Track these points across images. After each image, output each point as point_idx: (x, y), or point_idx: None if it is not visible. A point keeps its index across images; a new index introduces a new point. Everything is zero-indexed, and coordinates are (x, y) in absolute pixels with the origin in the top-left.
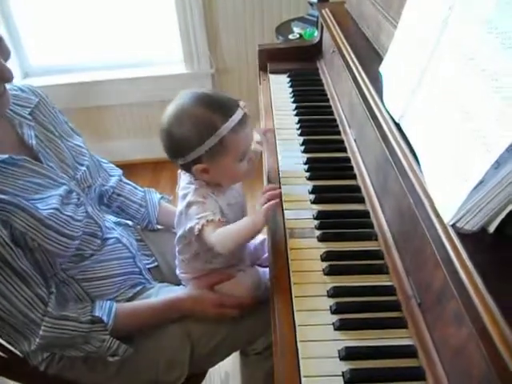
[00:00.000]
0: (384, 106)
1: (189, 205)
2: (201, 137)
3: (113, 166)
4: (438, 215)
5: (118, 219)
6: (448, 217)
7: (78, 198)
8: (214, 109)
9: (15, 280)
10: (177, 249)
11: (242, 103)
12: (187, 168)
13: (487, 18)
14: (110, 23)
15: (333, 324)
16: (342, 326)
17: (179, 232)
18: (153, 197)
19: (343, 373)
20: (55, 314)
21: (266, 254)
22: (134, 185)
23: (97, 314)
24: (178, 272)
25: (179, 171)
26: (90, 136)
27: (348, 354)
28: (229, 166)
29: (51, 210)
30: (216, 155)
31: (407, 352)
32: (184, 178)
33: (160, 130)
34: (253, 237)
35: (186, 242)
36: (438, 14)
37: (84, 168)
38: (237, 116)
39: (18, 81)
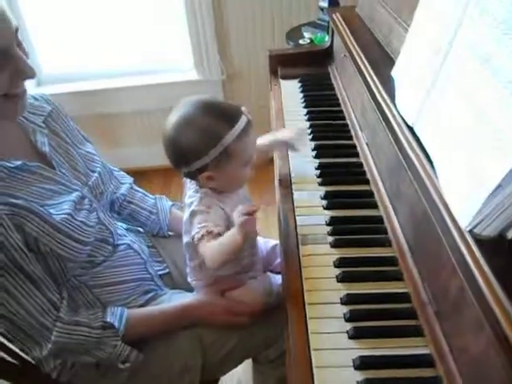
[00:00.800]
0: (397, 110)
1: (193, 214)
2: (206, 146)
3: (124, 173)
4: (454, 220)
5: (129, 226)
6: (465, 222)
7: (90, 204)
8: (218, 117)
9: (28, 285)
10: (187, 256)
11: (244, 109)
12: (192, 176)
13: (502, 18)
14: (121, 31)
15: (347, 332)
16: (356, 335)
17: (185, 239)
18: (164, 204)
19: (358, 383)
20: (67, 319)
21: (279, 260)
22: (144, 192)
23: (108, 320)
24: (189, 280)
25: (184, 179)
26: (103, 143)
27: (363, 364)
28: (234, 172)
29: (64, 216)
30: (221, 163)
31: (424, 361)
32: (190, 186)
33: (163, 139)
34: (235, 251)
35: (192, 249)
36: (451, 15)
37: (96, 174)
38: (241, 123)
39: (31, 89)
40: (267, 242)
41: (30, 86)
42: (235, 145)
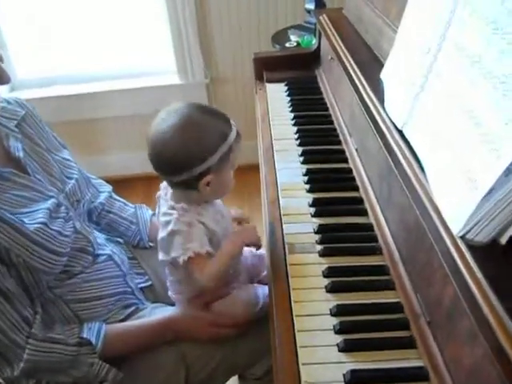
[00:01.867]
0: (386, 114)
1: (172, 233)
2: (214, 145)
3: (102, 181)
4: (446, 227)
5: (109, 236)
6: (457, 228)
7: (66, 213)
8: (218, 117)
9: None
10: (166, 271)
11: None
12: (189, 184)
13: (492, 18)
14: (101, 33)
15: (337, 345)
16: (346, 347)
17: (162, 256)
18: (144, 213)
19: None
20: (40, 335)
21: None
22: (124, 201)
23: (85, 336)
24: (169, 293)
25: (158, 194)
26: (81, 150)
27: (354, 378)
28: (228, 176)
29: (38, 225)
30: (223, 164)
31: (418, 374)
32: (163, 203)
33: (154, 152)
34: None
35: (171, 266)
36: (441, 16)
37: (73, 181)
38: (234, 125)
39: (4, 94)
40: (254, 251)
41: (3, 92)
42: (235, 145)
